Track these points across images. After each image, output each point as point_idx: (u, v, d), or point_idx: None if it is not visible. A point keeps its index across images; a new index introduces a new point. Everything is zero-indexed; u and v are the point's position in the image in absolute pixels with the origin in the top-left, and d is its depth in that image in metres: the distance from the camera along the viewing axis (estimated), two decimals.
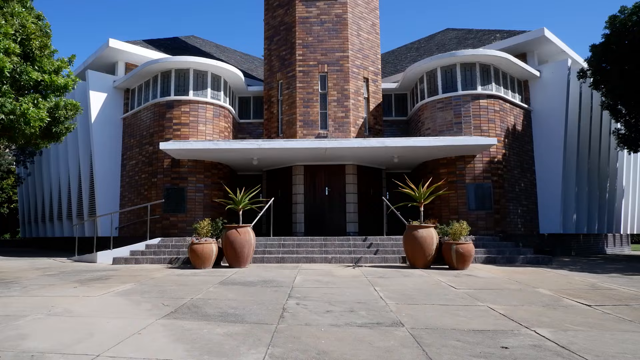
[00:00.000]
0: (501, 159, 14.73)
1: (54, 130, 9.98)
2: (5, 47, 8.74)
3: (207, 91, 15.43)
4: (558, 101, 15.85)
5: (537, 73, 16.22)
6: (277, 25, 16.85)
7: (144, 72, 15.59)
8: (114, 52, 16.57)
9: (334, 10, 16.11)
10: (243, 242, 10.21)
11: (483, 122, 14.69)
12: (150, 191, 15.00)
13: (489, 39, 18.53)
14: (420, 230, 10.12)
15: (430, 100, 15.38)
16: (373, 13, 17.13)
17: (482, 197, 14.33)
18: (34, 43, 9.76)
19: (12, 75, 9.13)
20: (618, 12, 14.13)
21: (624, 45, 13.59)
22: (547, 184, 16.04)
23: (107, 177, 16.55)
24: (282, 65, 16.40)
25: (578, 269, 10.42)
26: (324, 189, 15.40)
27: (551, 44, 16.42)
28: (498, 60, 15.00)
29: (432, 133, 15.18)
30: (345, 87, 15.74)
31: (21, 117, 8.68)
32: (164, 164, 14.85)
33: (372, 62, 16.76)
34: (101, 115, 16.52)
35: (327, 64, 15.88)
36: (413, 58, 21.33)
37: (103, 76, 16.77)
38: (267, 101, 16.86)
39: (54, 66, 10.14)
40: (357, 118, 15.90)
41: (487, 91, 14.86)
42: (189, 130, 15.02)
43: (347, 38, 15.93)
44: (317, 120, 15.63)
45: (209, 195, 14.97)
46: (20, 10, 9.75)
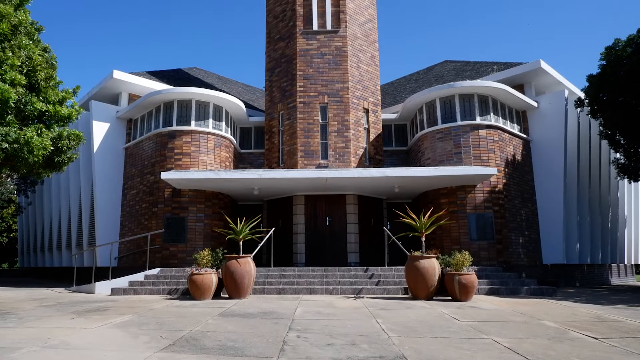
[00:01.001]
0: (502, 188, 14.74)
1: (56, 160, 10.03)
2: (11, 78, 8.89)
3: (208, 121, 15.59)
4: (557, 131, 15.98)
5: (535, 104, 16.41)
6: (278, 57, 17.16)
7: (147, 103, 15.79)
8: (117, 83, 16.82)
9: (334, 43, 16.44)
10: (243, 272, 10.10)
11: (483, 152, 14.78)
12: (151, 221, 14.95)
13: (487, 70, 18.84)
14: (422, 260, 10.03)
15: (430, 130, 15.51)
16: (372, 46, 17.48)
17: (484, 227, 14.27)
18: (40, 74, 9.93)
19: (17, 106, 9.25)
20: (612, 44, 14.42)
21: (619, 76, 13.81)
22: (548, 214, 15.99)
23: (107, 207, 16.52)
24: (283, 96, 16.63)
25: (583, 301, 10.27)
26: (325, 219, 15.34)
27: (548, 75, 16.68)
28: (496, 92, 15.21)
29: (432, 163, 15.24)
30: (346, 118, 15.91)
31: (25, 146, 8.74)
32: (164, 193, 14.85)
33: (372, 93, 16.99)
34: (103, 145, 16.64)
35: (327, 95, 16.09)
36: (412, 89, 21.64)
37: (106, 106, 16.97)
38: (268, 131, 17.01)
39: (58, 97, 10.29)
40: (358, 148, 15.99)
41: (486, 121, 15.00)
42: (190, 160, 15.09)
43: (347, 70, 16.20)
44: (317, 150, 15.72)
45: (209, 225, 14.91)
46: (27, 43, 9.96)
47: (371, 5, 17.80)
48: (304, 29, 16.57)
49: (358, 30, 16.97)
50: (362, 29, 17.17)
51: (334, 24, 16.63)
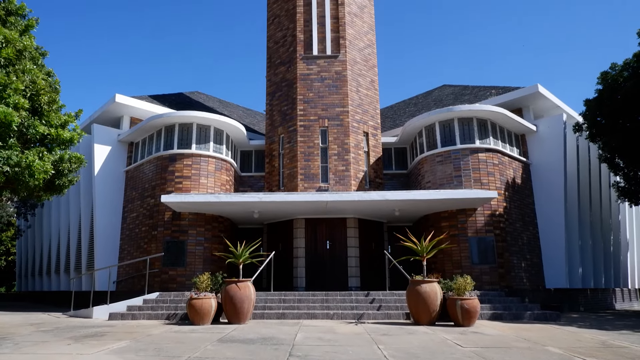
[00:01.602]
0: (502, 212, 14.70)
1: (57, 183, 10.04)
2: (14, 102, 8.98)
3: (209, 145, 15.66)
4: (556, 154, 16.03)
5: (534, 127, 16.52)
6: (278, 81, 17.36)
7: (149, 126, 15.90)
8: (119, 106, 16.97)
9: (334, 67, 16.66)
10: (243, 297, 9.99)
11: (483, 175, 14.80)
12: (150, 244, 14.86)
13: (485, 94, 19.03)
14: (424, 285, 9.93)
15: (430, 154, 15.57)
16: (372, 70, 17.70)
17: (485, 251, 14.17)
18: (43, 98, 10.03)
19: (20, 129, 9.31)
20: (609, 68, 14.61)
21: (616, 100, 13.94)
22: (550, 238, 15.91)
23: (107, 230, 16.45)
24: (284, 119, 16.75)
25: (587, 326, 10.12)
26: (325, 242, 15.26)
27: (545, 99, 16.84)
28: (494, 115, 15.32)
29: (432, 186, 15.25)
30: (346, 141, 15.99)
31: (26, 170, 8.76)
32: (164, 216, 14.81)
33: (372, 116, 17.13)
34: (104, 168, 16.67)
35: (327, 118, 16.21)
36: (412, 113, 21.81)
37: (108, 130, 17.08)
38: (269, 155, 17.07)
39: (61, 120, 10.36)
40: (358, 171, 16.03)
41: (485, 145, 15.07)
42: (190, 183, 15.10)
43: (346, 94, 16.37)
44: (318, 173, 15.75)
45: (209, 249, 14.82)
46: (31, 67, 10.09)
47: (370, 31, 18.11)
48: (304, 54, 16.81)
49: (357, 55, 17.21)
50: (362, 54, 17.43)
51: (333, 49, 16.88)
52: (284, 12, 17.69)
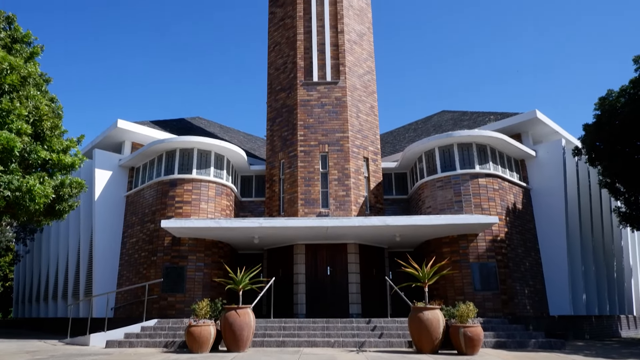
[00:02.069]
0: (504, 237, 14.62)
1: (57, 208, 10.03)
2: (17, 127, 9.05)
3: (210, 170, 15.70)
4: (556, 180, 16.05)
5: (533, 153, 16.59)
6: (279, 107, 17.53)
7: (150, 151, 15.97)
8: (121, 132, 17.08)
9: (334, 93, 16.84)
10: (242, 324, 9.84)
11: (483, 200, 14.78)
12: (149, 270, 14.73)
13: (484, 120, 19.18)
14: (426, 312, 9.79)
15: (430, 179, 15.59)
16: (371, 96, 17.89)
17: (487, 277, 14.03)
18: (46, 124, 10.12)
19: (22, 154, 9.36)
20: (606, 94, 14.77)
21: (615, 125, 14.04)
22: (552, 263, 15.77)
23: (106, 255, 16.32)
24: (284, 145, 16.84)
25: (593, 354, 9.93)
26: (326, 268, 15.12)
27: (544, 125, 16.96)
28: (494, 141, 15.41)
29: (433, 211, 15.20)
30: (346, 167, 16.03)
31: (27, 194, 8.76)
32: (164, 242, 14.72)
33: (372, 142, 17.22)
34: (105, 193, 16.67)
35: (327, 144, 16.30)
36: (411, 138, 21.94)
37: (109, 155, 17.15)
38: (269, 180, 17.10)
39: (62, 145, 10.43)
40: (358, 197, 16.01)
41: (485, 170, 15.10)
42: (191, 209, 15.06)
43: (346, 120, 16.49)
44: (318, 199, 15.73)
45: (208, 275, 14.67)
46: (35, 94, 10.21)
47: (369, 58, 18.39)
48: (305, 80, 17.02)
49: (357, 81, 17.43)
50: (361, 80, 17.65)
51: (333, 76, 17.10)
52: (285, 39, 18.01)
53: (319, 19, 17.60)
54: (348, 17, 17.79)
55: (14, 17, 11.35)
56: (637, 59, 14.21)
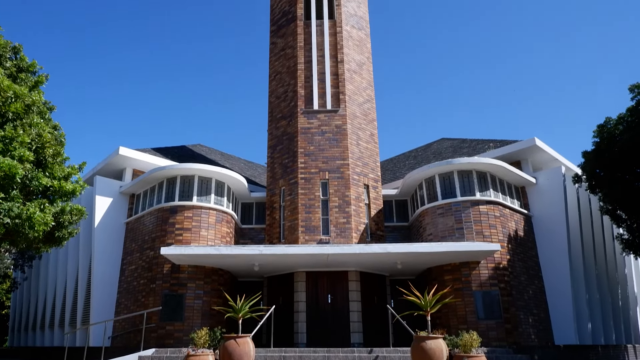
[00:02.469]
0: (506, 265, 14.49)
1: (56, 235, 9.99)
2: (20, 154, 9.11)
3: (210, 197, 15.71)
4: (557, 207, 16.02)
5: (533, 180, 16.62)
6: (280, 135, 17.66)
7: (151, 178, 16.02)
8: (123, 159, 17.17)
9: (334, 121, 16.99)
10: (242, 353, 9.66)
11: (484, 227, 14.72)
12: (148, 298, 14.55)
13: (483, 147, 19.29)
14: (429, 341, 9.61)
15: (431, 206, 15.56)
16: (371, 124, 18.05)
17: (491, 305, 13.84)
18: (48, 151, 10.19)
19: (23, 181, 9.38)
20: (604, 122, 14.89)
21: (614, 153, 14.11)
22: (556, 291, 15.58)
23: (104, 283, 16.16)
24: (285, 172, 16.89)
25: None
26: (327, 296, 14.94)
27: (543, 152, 17.05)
28: (494, 168, 15.46)
29: (434, 239, 15.12)
30: (346, 194, 16.03)
31: (26, 221, 8.74)
32: (163, 269, 14.60)
33: (372, 169, 17.28)
34: (105, 219, 16.63)
35: (328, 171, 16.35)
36: (411, 165, 22.02)
37: (110, 182, 17.19)
38: (270, 207, 17.08)
39: (64, 172, 10.47)
40: (359, 224, 15.96)
41: (485, 197, 15.10)
42: (191, 236, 15.00)
43: (347, 147, 16.58)
44: (318, 226, 15.67)
45: (208, 303, 14.49)
46: (38, 121, 10.32)
47: (369, 87, 18.63)
48: (305, 108, 17.21)
49: (357, 109, 17.61)
50: (361, 108, 17.84)
51: (333, 104, 17.29)
52: (286, 69, 18.30)
53: (319, 49, 17.93)
54: (348, 47, 18.13)
55: (20, 47, 11.58)
56: (633, 88, 14.40)
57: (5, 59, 11.07)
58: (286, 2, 19.13)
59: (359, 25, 19.09)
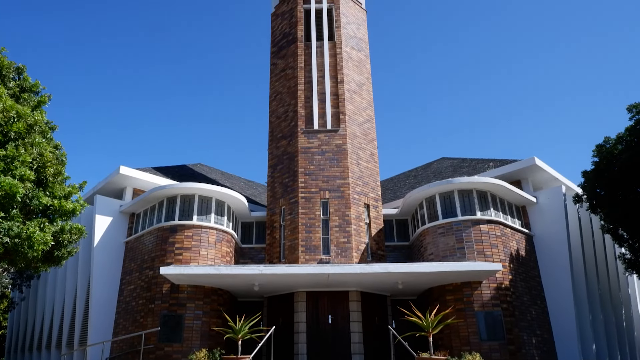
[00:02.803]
0: (508, 285, 14.37)
1: (56, 254, 9.94)
2: (21, 174, 9.12)
3: (210, 216, 15.68)
4: (558, 226, 15.97)
5: (534, 199, 16.60)
6: (280, 154, 17.72)
7: (151, 198, 16.01)
8: (123, 178, 17.19)
9: (334, 141, 17.06)
10: None
11: (486, 247, 14.64)
12: (147, 318, 14.39)
13: (483, 167, 19.33)
14: None
15: (431, 225, 15.52)
16: (371, 144, 18.12)
17: (493, 326, 13.67)
18: (49, 170, 10.21)
19: (23, 200, 9.38)
20: (603, 141, 14.94)
21: (614, 172, 14.13)
22: (559, 312, 15.42)
23: (103, 303, 16.01)
24: (285, 191, 16.88)
25: None
26: (327, 316, 14.77)
27: (543, 171, 17.08)
28: (494, 187, 15.46)
29: (435, 258, 15.03)
30: (347, 213, 15.99)
31: (26, 241, 8.70)
32: (162, 289, 14.48)
33: (372, 188, 17.28)
34: (104, 238, 16.57)
35: (328, 190, 16.34)
36: (411, 185, 22.03)
37: (110, 201, 17.18)
38: (270, 226, 17.02)
39: (64, 192, 10.47)
40: (360, 243, 15.88)
41: (486, 216, 15.06)
42: (190, 255, 14.92)
43: (347, 166, 16.61)
44: (319, 245, 15.60)
45: (207, 323, 14.32)
46: (40, 141, 10.36)
47: (369, 107, 18.77)
48: (305, 128, 17.30)
49: (357, 129, 17.71)
50: (361, 128, 17.93)
51: (334, 124, 17.39)
52: (286, 89, 18.47)
53: (319, 69, 18.13)
54: (347, 68, 18.33)
55: (24, 67, 11.71)
56: (631, 108, 14.50)
57: (9, 79, 11.19)
58: (287, 24, 19.43)
59: (358, 46, 19.34)
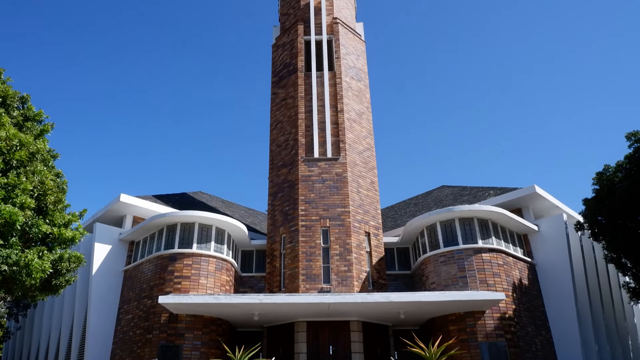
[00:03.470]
0: (512, 315, 14.15)
1: (53, 283, 9.85)
2: (21, 201, 9.12)
3: (210, 244, 15.58)
4: (561, 254, 15.85)
5: (535, 227, 16.52)
6: (280, 182, 17.75)
7: (151, 225, 15.95)
8: (123, 206, 17.17)
9: (335, 169, 17.11)
10: None
11: (488, 276, 14.49)
12: (144, 349, 14.11)
13: (484, 195, 19.32)
14: None
15: (433, 254, 15.40)
16: (371, 172, 18.17)
17: (498, 357, 13.37)
18: (50, 198, 10.21)
19: (23, 228, 9.35)
20: (603, 169, 14.97)
21: (614, 200, 14.10)
22: (565, 343, 15.12)
23: (99, 333, 15.72)
24: (285, 219, 16.83)
25: None
26: (328, 347, 14.48)
27: (543, 199, 17.06)
28: (495, 215, 15.42)
29: (437, 287, 14.85)
30: (347, 241, 15.89)
31: (24, 269, 8.63)
32: (161, 318, 14.25)
33: (373, 217, 17.22)
34: (103, 267, 16.41)
35: (329, 218, 16.29)
36: (412, 213, 21.98)
37: (110, 229, 17.10)
38: (270, 255, 16.89)
39: (64, 220, 10.45)
40: (360, 272, 15.72)
41: (488, 245, 14.96)
42: (189, 284, 14.75)
43: (347, 195, 16.61)
44: (319, 274, 15.44)
45: (205, 355, 14.02)
46: (42, 169, 10.41)
47: (369, 136, 18.92)
48: (306, 156, 17.38)
49: (357, 157, 17.79)
50: (361, 156, 18.02)
51: (334, 152, 17.49)
52: (287, 118, 18.66)
53: (319, 99, 18.36)
54: (347, 97, 18.57)
55: (28, 97, 11.88)
56: (630, 136, 14.59)
57: (13, 108, 11.34)
58: (287, 54, 19.79)
59: (358, 76, 19.65)
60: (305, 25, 19.71)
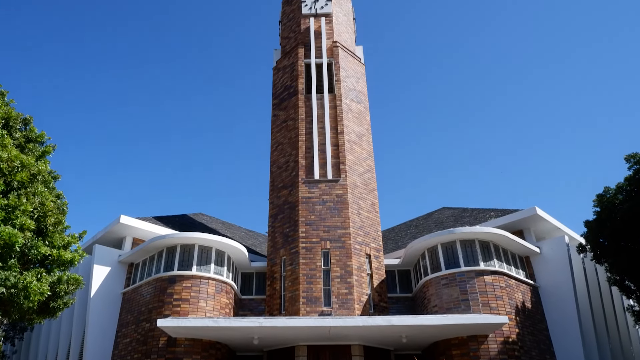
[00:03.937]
0: (515, 339, 13.94)
1: (51, 305, 9.75)
2: (21, 223, 9.10)
3: (210, 266, 15.47)
4: (563, 277, 15.71)
5: (537, 249, 16.43)
6: (281, 204, 17.72)
7: (150, 247, 15.87)
8: (123, 227, 17.11)
9: (335, 191, 17.11)
10: None
11: (491, 298, 14.33)
12: None
13: (485, 217, 19.27)
14: None
15: (434, 276, 15.26)
16: (372, 194, 18.17)
17: None
18: (50, 220, 10.19)
19: (22, 250, 9.29)
20: (603, 191, 14.95)
21: (616, 222, 14.04)
22: None
23: (97, 357, 15.45)
24: (286, 241, 16.74)
25: None
26: None
27: (545, 221, 17.01)
28: (496, 237, 15.34)
29: (439, 310, 14.67)
30: (348, 264, 15.78)
31: (22, 291, 8.55)
32: (159, 342, 14.03)
33: (374, 239, 17.14)
34: (101, 289, 16.25)
35: (329, 240, 16.21)
36: (413, 235, 21.88)
37: (109, 251, 17.00)
38: (270, 277, 16.75)
39: (64, 241, 10.41)
40: (362, 295, 15.56)
41: (490, 267, 14.85)
42: (189, 307, 14.58)
43: (348, 216, 16.56)
44: (320, 297, 15.28)
45: None
46: (42, 190, 10.41)
47: (369, 157, 18.99)
48: (306, 178, 17.40)
49: (358, 179, 17.81)
50: (362, 178, 18.05)
51: (334, 174, 17.52)
52: (287, 140, 18.76)
53: (319, 121, 18.49)
54: (347, 119, 18.71)
55: (31, 118, 11.98)
56: (629, 158, 14.63)
57: (16, 130, 11.41)
58: (288, 77, 20.03)
59: (358, 99, 19.84)
60: (305, 48, 19.99)
